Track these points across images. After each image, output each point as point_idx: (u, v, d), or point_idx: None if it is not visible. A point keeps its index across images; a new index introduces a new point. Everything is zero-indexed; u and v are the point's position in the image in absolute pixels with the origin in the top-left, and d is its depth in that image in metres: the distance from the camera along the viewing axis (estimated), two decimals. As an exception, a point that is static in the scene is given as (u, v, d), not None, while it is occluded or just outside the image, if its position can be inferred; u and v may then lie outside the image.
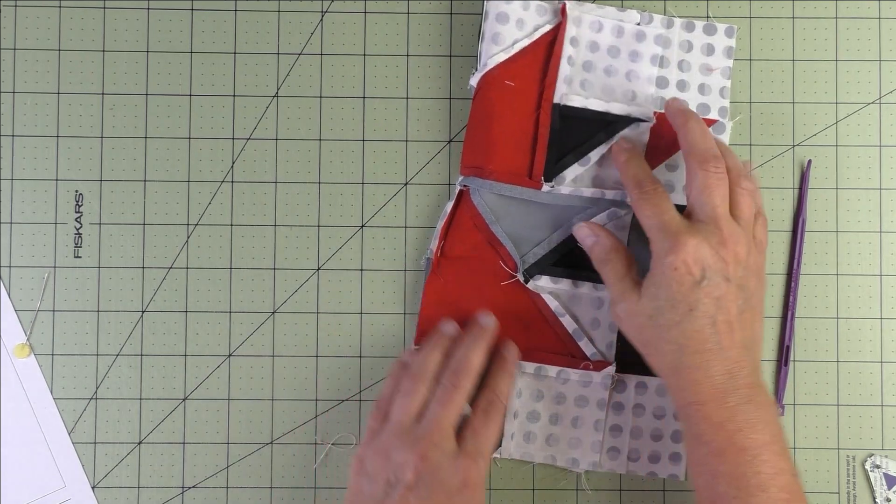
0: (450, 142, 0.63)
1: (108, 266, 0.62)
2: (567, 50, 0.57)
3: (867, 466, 0.60)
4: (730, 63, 0.59)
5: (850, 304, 0.61)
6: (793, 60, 0.64)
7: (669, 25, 0.59)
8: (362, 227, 0.62)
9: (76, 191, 0.61)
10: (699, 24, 0.60)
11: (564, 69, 0.56)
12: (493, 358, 0.56)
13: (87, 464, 0.61)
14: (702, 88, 0.59)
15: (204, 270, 0.62)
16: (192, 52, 0.62)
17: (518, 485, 0.61)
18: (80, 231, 0.61)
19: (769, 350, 0.63)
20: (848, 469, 0.60)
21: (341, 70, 0.62)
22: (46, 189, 0.61)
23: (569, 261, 0.57)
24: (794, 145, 0.63)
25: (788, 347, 0.60)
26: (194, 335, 0.62)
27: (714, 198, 0.49)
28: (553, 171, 0.57)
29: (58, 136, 0.61)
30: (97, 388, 0.61)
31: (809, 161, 0.62)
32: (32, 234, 0.61)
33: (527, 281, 0.57)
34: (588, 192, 0.57)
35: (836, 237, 0.62)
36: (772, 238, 0.63)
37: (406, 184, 0.62)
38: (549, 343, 0.58)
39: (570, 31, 0.57)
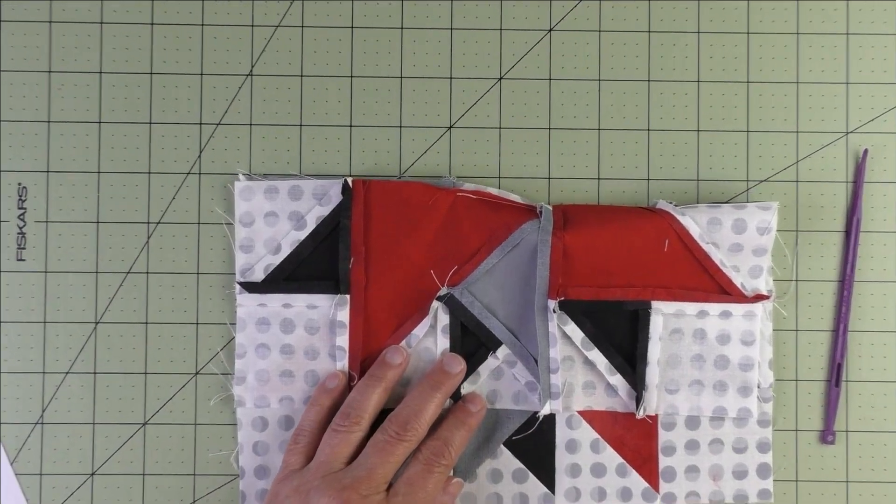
0: (450, 128, 0.55)
1: (56, 270, 0.55)
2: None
3: (932, 504, 0.54)
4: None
5: (911, 316, 0.55)
6: (847, 34, 0.55)
7: None
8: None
9: (19, 184, 0.55)
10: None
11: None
12: (454, 407, 0.51)
13: (31, 498, 0.54)
14: None
15: (167, 276, 0.55)
16: (152, 24, 0.55)
17: None
18: (23, 230, 0.55)
19: (818, 368, 0.55)
20: (908, 506, 0.54)
21: (325, 45, 0.55)
22: (-16, 182, 0.54)
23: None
24: (847, 132, 0.56)
25: (840, 365, 0.54)
26: (156, 350, 0.55)
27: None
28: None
29: (-2, 121, 0.54)
30: (43, 412, 0.55)
31: (866, 151, 0.55)
32: (-32, 234, 0.54)
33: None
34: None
35: (896, 238, 0.55)
36: (821, 239, 0.55)
37: (400, 176, 0.55)
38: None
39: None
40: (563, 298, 0.50)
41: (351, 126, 0.55)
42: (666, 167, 0.55)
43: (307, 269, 0.51)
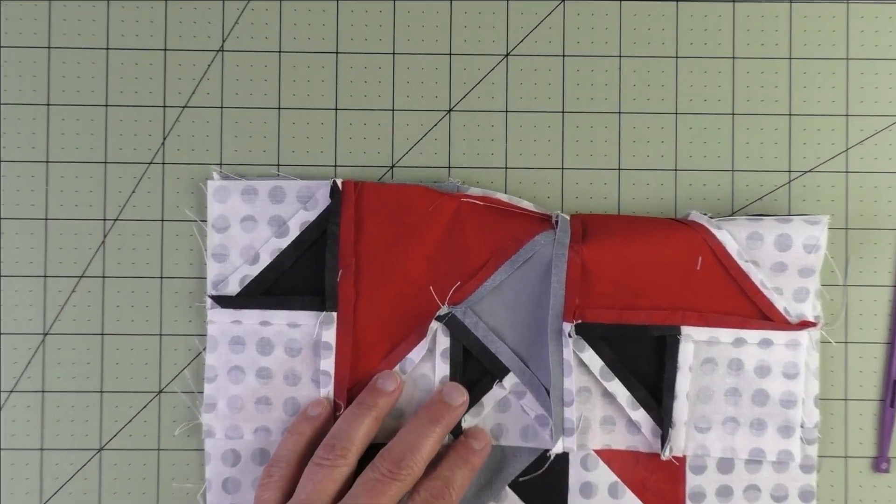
0: (450, 111, 0.50)
1: (-2, 274, 0.50)
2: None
3: None
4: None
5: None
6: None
7: None
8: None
9: (-45, 175, 0.50)
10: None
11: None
12: (455, 444, 0.47)
13: (-29, 535, 0.50)
14: None
15: (126, 281, 0.50)
16: (109, -8, 0.50)
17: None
18: (-41, 228, 0.50)
19: (871, 386, 0.50)
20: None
21: (307, 17, 0.50)
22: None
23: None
24: (905, 115, 0.50)
25: (896, 383, 0.50)
26: (113, 365, 0.50)
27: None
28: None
29: (-68, 103, 0.50)
30: (-16, 436, 0.50)
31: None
32: None
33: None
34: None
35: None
36: (875, 238, 0.50)
37: (392, 167, 0.50)
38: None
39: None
40: (580, 321, 0.47)
41: (336, 109, 0.50)
42: (696, 155, 0.50)
43: (289, 282, 0.48)
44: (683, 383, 0.47)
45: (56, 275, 0.50)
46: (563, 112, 0.50)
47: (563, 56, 0.50)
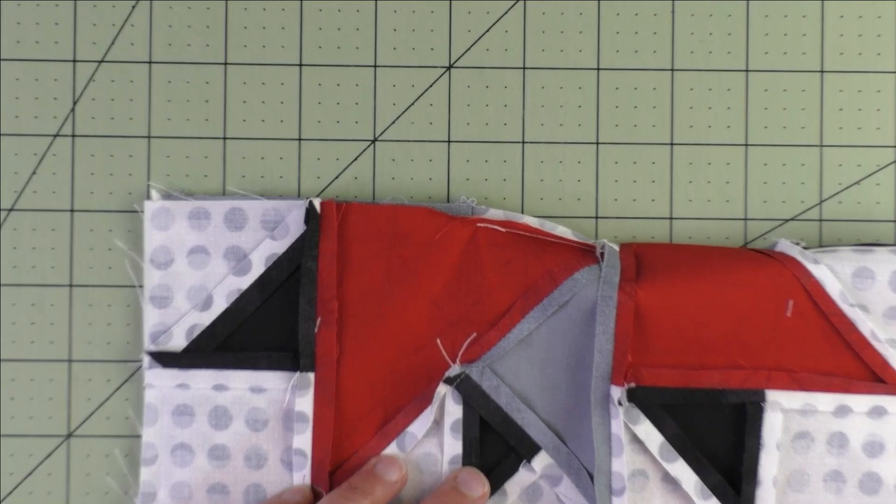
0: (450, 67, 0.41)
1: None
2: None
3: None
4: None
5: None
6: None
7: None
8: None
9: None
10: None
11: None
12: None
13: None
14: None
15: (25, 289, 0.40)
16: None
17: None
18: None
19: None
20: None
21: None
22: None
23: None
24: None
25: None
26: (8, 401, 0.40)
27: None
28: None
29: None
30: None
31: None
32: None
33: None
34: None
35: None
36: None
37: (374, 140, 0.41)
38: None
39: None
40: (633, 385, 0.40)
41: (301, 65, 0.41)
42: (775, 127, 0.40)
43: (252, 333, 0.41)
44: (769, 465, 0.40)
45: (-67, 282, 0.40)
46: (597, 69, 0.41)
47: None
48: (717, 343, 0.41)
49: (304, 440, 0.41)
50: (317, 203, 0.40)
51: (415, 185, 0.40)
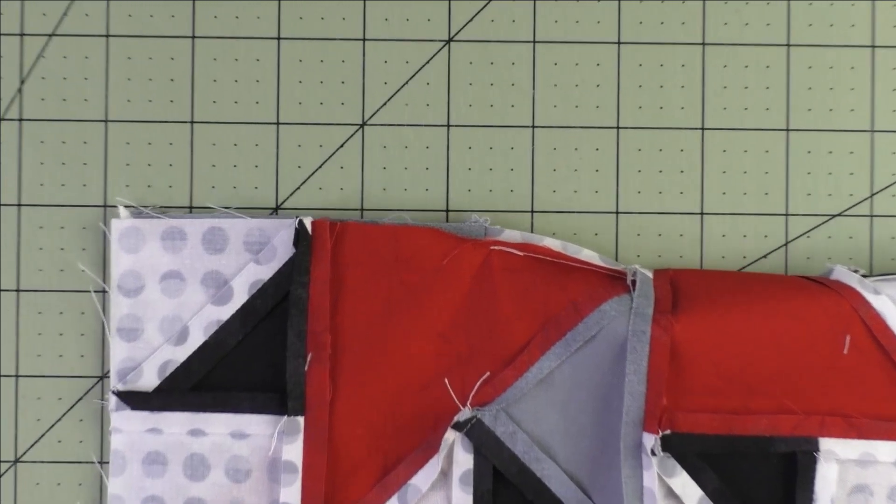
0: (449, 41, 0.38)
1: None
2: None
3: None
4: None
5: None
6: None
7: None
8: (277, 209, 0.39)
9: None
10: None
11: None
12: None
13: None
14: None
15: None
16: None
17: None
18: None
19: None
20: None
21: None
22: None
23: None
24: None
25: None
26: None
27: None
28: None
29: None
30: None
31: None
32: None
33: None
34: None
35: None
36: None
37: (363, 125, 0.38)
38: None
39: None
40: (668, 431, 0.39)
41: (279, 39, 0.38)
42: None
43: (233, 371, 0.39)
44: None
45: None
46: (618, 42, 0.38)
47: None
48: (763, 384, 0.39)
49: (292, 493, 0.38)
50: (308, 222, 0.37)
51: (409, 175, 0.37)
